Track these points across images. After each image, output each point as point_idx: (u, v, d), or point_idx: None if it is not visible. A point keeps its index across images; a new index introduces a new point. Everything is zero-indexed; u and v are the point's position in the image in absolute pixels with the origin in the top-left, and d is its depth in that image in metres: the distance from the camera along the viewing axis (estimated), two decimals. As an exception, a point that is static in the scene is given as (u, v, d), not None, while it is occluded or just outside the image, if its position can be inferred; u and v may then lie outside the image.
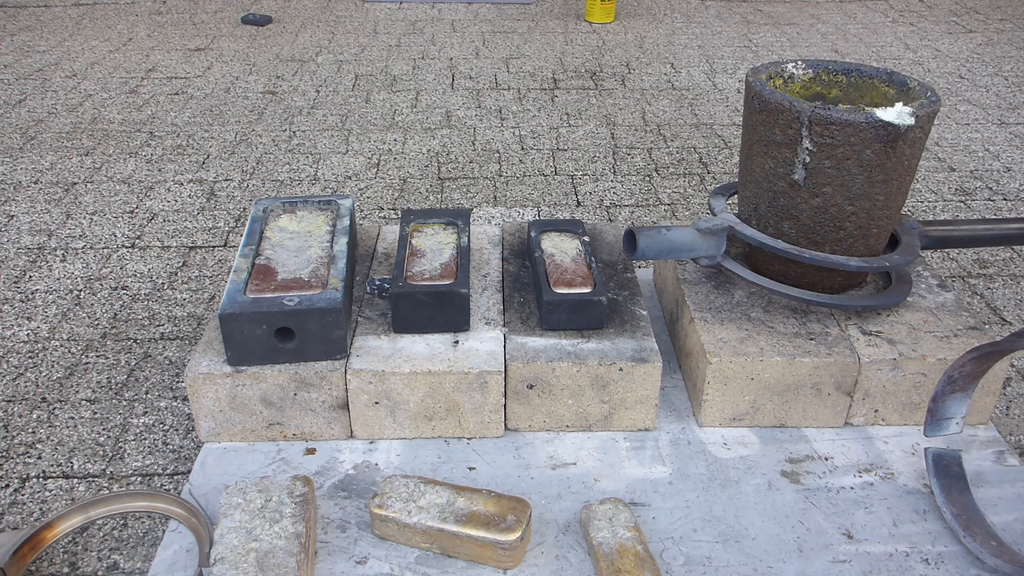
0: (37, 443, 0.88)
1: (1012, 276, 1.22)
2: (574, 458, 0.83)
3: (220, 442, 0.84)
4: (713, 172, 1.55)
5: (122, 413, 0.92)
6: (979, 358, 0.74)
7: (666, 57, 2.20)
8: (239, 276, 0.84)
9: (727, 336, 0.86)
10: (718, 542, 0.74)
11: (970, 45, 2.33)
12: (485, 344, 0.85)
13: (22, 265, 1.21)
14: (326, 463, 0.82)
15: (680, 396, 0.91)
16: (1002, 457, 0.84)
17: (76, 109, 1.80)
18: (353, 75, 2.04)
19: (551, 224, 1.00)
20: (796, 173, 0.83)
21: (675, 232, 0.87)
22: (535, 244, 0.95)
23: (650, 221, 1.36)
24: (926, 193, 1.47)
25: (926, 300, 0.92)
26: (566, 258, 0.93)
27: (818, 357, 0.83)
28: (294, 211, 0.97)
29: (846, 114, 0.78)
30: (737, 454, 0.84)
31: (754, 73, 0.89)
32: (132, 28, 2.40)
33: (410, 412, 0.83)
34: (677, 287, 0.95)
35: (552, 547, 0.73)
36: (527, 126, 1.74)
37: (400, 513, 0.71)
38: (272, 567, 0.65)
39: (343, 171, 1.53)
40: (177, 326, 1.08)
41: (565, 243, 0.96)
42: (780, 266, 0.91)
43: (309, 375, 0.81)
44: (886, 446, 0.85)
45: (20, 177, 1.49)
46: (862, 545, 0.74)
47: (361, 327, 0.87)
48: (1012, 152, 1.64)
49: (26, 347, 1.03)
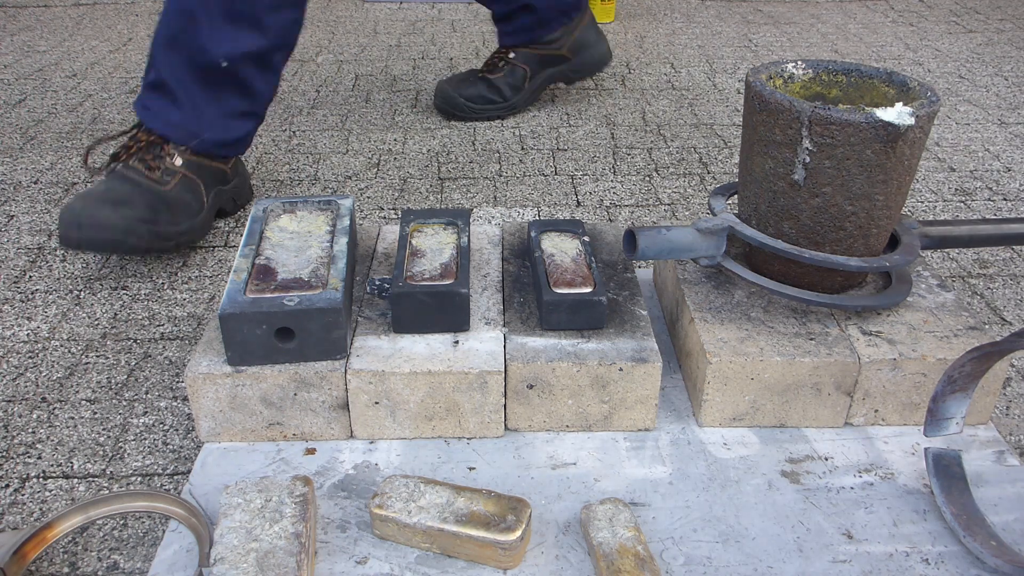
0: (37, 443, 0.88)
1: (1012, 276, 1.22)
2: (574, 458, 0.83)
3: (220, 442, 0.84)
4: (713, 172, 1.55)
5: (122, 413, 0.92)
6: (979, 358, 0.74)
7: (666, 57, 2.20)
8: (239, 276, 0.84)
9: (727, 336, 0.86)
10: (718, 542, 0.74)
11: (970, 45, 2.33)
12: (485, 344, 0.85)
13: (22, 265, 1.21)
14: (326, 463, 0.82)
15: (680, 396, 0.92)
16: (1002, 457, 0.84)
17: (76, 109, 1.80)
18: (353, 75, 2.04)
19: (551, 224, 1.00)
20: (796, 173, 0.83)
21: (675, 232, 0.87)
22: (535, 244, 0.95)
23: (650, 221, 1.36)
24: (926, 193, 1.47)
25: (926, 300, 0.92)
26: (566, 258, 0.93)
27: (818, 357, 0.83)
28: (294, 211, 0.97)
29: (846, 114, 0.78)
30: (737, 454, 0.84)
31: (754, 73, 0.89)
32: (132, 28, 2.40)
33: (410, 412, 0.84)
34: (677, 287, 0.95)
35: (552, 547, 0.73)
36: (527, 126, 1.74)
37: (400, 513, 0.71)
38: (272, 567, 0.65)
39: (343, 171, 1.53)
40: (177, 326, 1.08)
41: (565, 243, 0.96)
42: (780, 266, 0.91)
43: (309, 375, 0.81)
44: (886, 446, 0.85)
45: (20, 177, 1.49)
46: (862, 545, 0.74)
47: (361, 327, 0.87)
48: (1012, 152, 1.64)
49: (26, 347, 1.03)
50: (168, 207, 1.16)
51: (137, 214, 1.11)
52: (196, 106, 1.21)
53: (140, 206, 1.12)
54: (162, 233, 1.14)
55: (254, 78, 1.24)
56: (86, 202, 1.09)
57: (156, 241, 1.13)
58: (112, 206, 1.09)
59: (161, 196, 1.16)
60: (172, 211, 1.17)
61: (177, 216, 1.17)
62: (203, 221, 1.23)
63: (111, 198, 1.11)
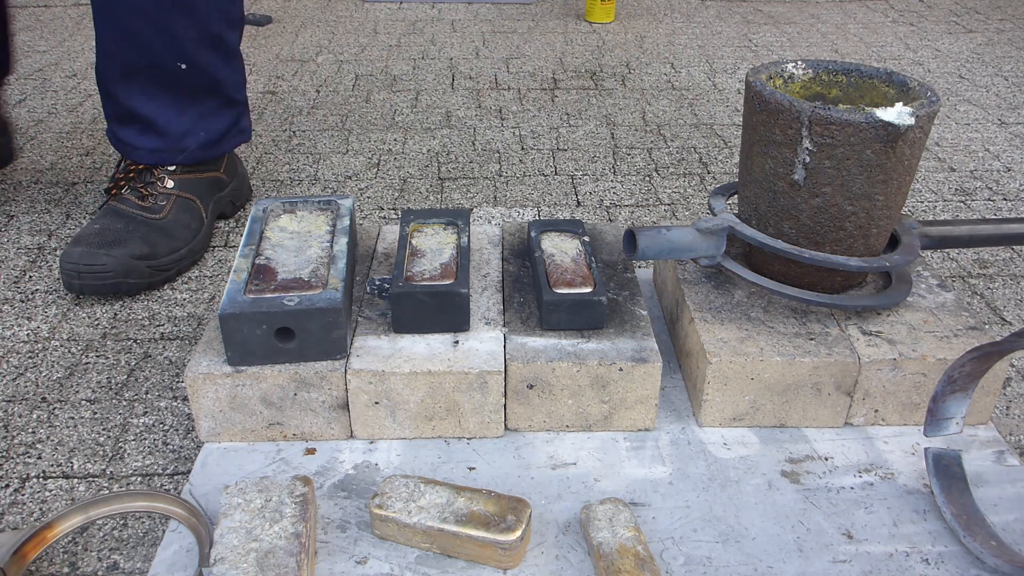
0: (37, 443, 0.88)
1: (1012, 276, 1.22)
2: (574, 458, 0.83)
3: (220, 442, 0.84)
4: (713, 172, 1.55)
5: (122, 413, 0.92)
6: (979, 358, 0.74)
7: (666, 57, 2.20)
8: (239, 276, 0.84)
9: (727, 336, 0.86)
10: (718, 542, 0.74)
11: (970, 45, 2.33)
12: (485, 344, 0.85)
13: (22, 265, 1.21)
14: (326, 463, 0.82)
15: (680, 396, 0.92)
16: (1002, 457, 0.84)
17: (76, 109, 1.80)
18: (353, 75, 2.04)
19: (551, 224, 1.00)
20: (796, 173, 0.83)
21: (675, 232, 0.87)
22: (535, 244, 0.95)
23: (650, 221, 1.36)
24: (926, 193, 1.47)
25: (926, 300, 0.92)
26: (566, 258, 0.93)
27: (818, 357, 0.83)
28: (294, 211, 0.97)
29: (846, 114, 0.78)
30: (737, 454, 0.84)
31: (754, 73, 0.89)
32: (132, 28, 2.40)
33: (410, 412, 0.84)
34: (677, 287, 0.95)
35: (552, 547, 0.73)
36: (527, 126, 1.74)
37: (400, 513, 0.71)
38: (272, 567, 0.65)
39: (343, 171, 1.53)
40: (177, 326, 1.08)
41: (565, 243, 0.96)
42: (780, 266, 0.91)
43: (309, 375, 0.81)
44: (886, 446, 0.85)
45: (20, 177, 1.49)
46: (862, 545, 0.74)
47: (361, 327, 0.87)
48: (1012, 152, 1.64)
49: (26, 347, 1.03)
50: (166, 235, 1.16)
51: (133, 251, 1.11)
52: (170, 121, 1.19)
53: (136, 243, 1.12)
54: (161, 265, 1.14)
55: (216, 67, 1.21)
56: (83, 247, 1.09)
57: (157, 274, 1.14)
58: (108, 248, 1.09)
59: (156, 227, 1.16)
60: (170, 238, 1.16)
61: (176, 241, 1.17)
62: (203, 236, 1.22)
63: (107, 240, 1.11)
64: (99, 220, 1.16)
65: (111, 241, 1.11)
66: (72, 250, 1.09)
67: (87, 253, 1.09)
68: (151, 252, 1.13)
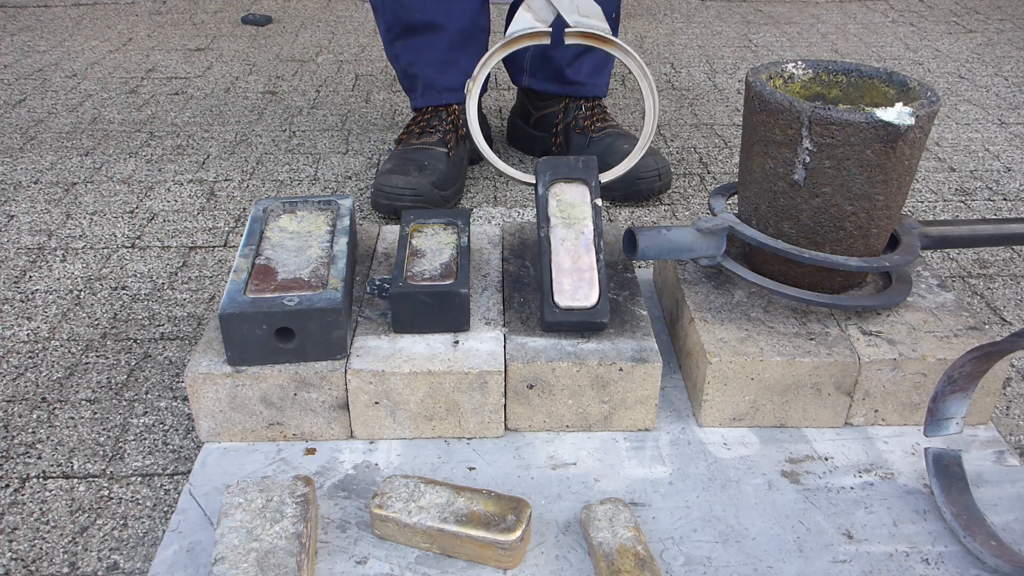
0: (37, 443, 0.88)
1: (1012, 276, 1.22)
2: (574, 458, 0.83)
3: (220, 442, 0.84)
4: (713, 172, 1.55)
5: (122, 413, 0.92)
6: (979, 358, 0.74)
7: (666, 57, 2.20)
8: (239, 276, 0.84)
9: (727, 336, 0.86)
10: (718, 542, 0.74)
11: (970, 45, 2.33)
12: (485, 344, 0.85)
13: (22, 265, 1.21)
14: (326, 463, 0.82)
15: (680, 396, 0.92)
16: (1002, 457, 0.84)
17: (76, 109, 1.80)
18: (353, 75, 2.04)
19: (562, 167, 0.99)
20: (796, 173, 0.83)
21: (675, 232, 0.87)
22: (543, 204, 0.95)
23: (650, 221, 1.36)
24: (926, 193, 1.47)
25: (926, 300, 0.92)
26: (577, 244, 0.93)
27: (818, 357, 0.83)
28: (294, 211, 0.97)
29: (846, 114, 0.78)
30: (737, 454, 0.84)
31: (754, 73, 0.89)
32: (132, 28, 2.40)
33: (410, 412, 0.84)
34: (677, 287, 0.95)
35: (552, 547, 0.73)
36: (527, 126, 1.73)
37: (400, 513, 0.71)
38: (272, 567, 0.65)
39: (343, 171, 1.53)
40: (177, 326, 1.08)
41: (576, 209, 0.96)
42: (780, 266, 0.91)
43: (309, 375, 0.81)
44: (886, 446, 0.85)
45: (20, 177, 1.49)
46: (862, 545, 0.74)
47: (361, 327, 0.87)
48: (1012, 152, 1.64)
49: (26, 347, 1.03)
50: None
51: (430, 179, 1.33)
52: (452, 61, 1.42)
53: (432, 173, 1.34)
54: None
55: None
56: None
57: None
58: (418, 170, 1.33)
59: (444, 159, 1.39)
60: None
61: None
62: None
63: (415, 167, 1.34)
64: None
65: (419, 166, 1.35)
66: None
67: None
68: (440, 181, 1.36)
